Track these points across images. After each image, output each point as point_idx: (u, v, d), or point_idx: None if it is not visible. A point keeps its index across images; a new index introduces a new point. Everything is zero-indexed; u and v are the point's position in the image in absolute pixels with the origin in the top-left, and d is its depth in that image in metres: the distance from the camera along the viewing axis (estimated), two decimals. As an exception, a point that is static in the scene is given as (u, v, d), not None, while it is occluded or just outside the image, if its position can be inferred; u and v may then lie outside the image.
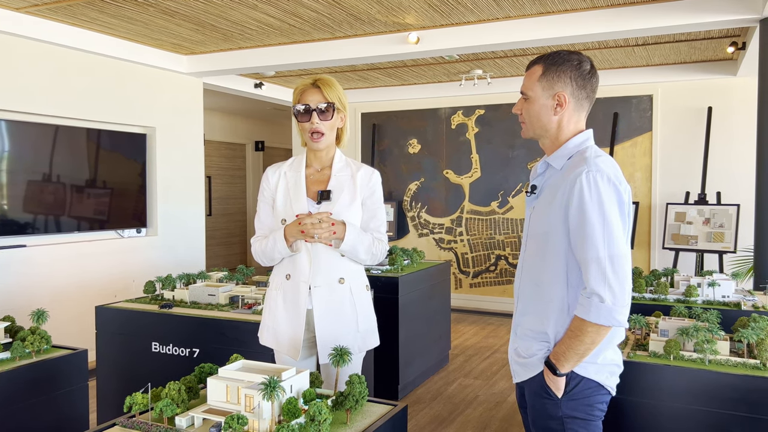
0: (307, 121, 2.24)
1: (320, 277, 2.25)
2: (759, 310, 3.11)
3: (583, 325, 1.69)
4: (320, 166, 2.35)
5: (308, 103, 2.23)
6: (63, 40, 4.85)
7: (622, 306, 1.66)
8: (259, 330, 2.40)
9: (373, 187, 2.35)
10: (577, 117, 1.84)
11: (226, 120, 10.30)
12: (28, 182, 4.82)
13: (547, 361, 1.77)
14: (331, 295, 2.26)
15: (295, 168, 2.35)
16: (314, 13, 4.58)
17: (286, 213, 2.28)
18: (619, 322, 1.66)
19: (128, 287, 5.47)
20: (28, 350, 2.54)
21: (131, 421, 1.74)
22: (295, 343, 2.26)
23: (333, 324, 2.25)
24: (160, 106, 5.94)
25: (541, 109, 1.83)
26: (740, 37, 5.26)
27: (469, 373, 5.06)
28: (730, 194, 6.19)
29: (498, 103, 7.37)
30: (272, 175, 2.36)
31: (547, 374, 1.77)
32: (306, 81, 2.28)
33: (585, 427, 1.77)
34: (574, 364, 1.74)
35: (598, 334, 1.69)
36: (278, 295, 2.31)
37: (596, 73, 1.84)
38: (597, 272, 1.66)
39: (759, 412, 2.07)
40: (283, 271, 2.31)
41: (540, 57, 1.86)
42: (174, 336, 3.28)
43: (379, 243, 2.32)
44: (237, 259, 10.88)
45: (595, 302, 1.66)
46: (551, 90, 1.80)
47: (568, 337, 1.73)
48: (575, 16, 4.56)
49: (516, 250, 7.36)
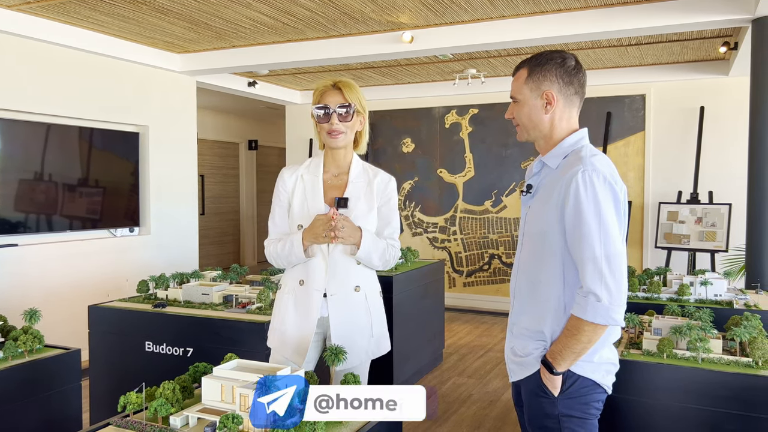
0: (326, 123, 2.21)
1: (336, 285, 2.22)
2: (751, 308, 3.13)
3: (580, 324, 1.69)
4: (338, 171, 2.31)
5: (328, 104, 2.20)
6: (55, 38, 4.82)
7: (619, 305, 1.67)
8: (269, 331, 2.37)
9: (390, 194, 2.32)
10: (568, 114, 1.85)
11: (219, 119, 10.27)
12: (19, 181, 4.79)
13: (544, 359, 1.78)
14: (348, 303, 2.24)
15: (312, 171, 2.30)
16: (308, 12, 4.57)
17: (302, 218, 2.24)
18: (616, 321, 1.67)
19: (121, 287, 5.44)
20: (21, 350, 2.53)
21: (125, 421, 1.73)
22: (301, 349, 2.24)
23: (348, 331, 2.24)
24: (153, 105, 5.91)
25: (532, 110, 1.84)
26: (732, 37, 5.29)
27: (463, 371, 5.07)
28: (722, 194, 6.23)
29: (492, 103, 7.38)
30: (288, 177, 2.31)
31: (544, 373, 1.78)
32: (326, 82, 2.25)
33: (581, 426, 1.78)
34: (570, 363, 1.74)
35: (594, 333, 1.69)
36: (290, 299, 2.28)
37: (582, 68, 1.85)
38: (593, 271, 1.67)
39: (751, 410, 2.09)
40: (296, 276, 2.27)
41: (524, 60, 1.88)
42: (168, 335, 3.27)
43: (392, 249, 2.30)
44: (230, 259, 10.85)
45: (592, 301, 1.66)
46: (538, 90, 1.82)
47: (564, 336, 1.73)
48: (569, 16, 4.57)
49: (509, 249, 7.37)
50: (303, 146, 8.57)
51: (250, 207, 11.21)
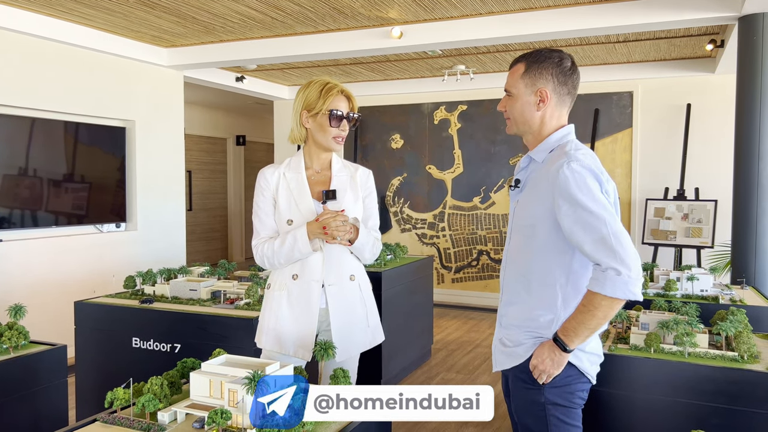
0: (337, 127, 2.26)
1: (333, 275, 2.24)
2: (736, 303, 3.16)
3: (596, 299, 1.68)
4: (320, 167, 2.34)
5: (342, 110, 2.26)
6: (40, 31, 4.76)
7: (638, 278, 1.66)
8: (257, 334, 2.34)
9: (371, 187, 2.40)
10: (559, 113, 1.88)
11: (206, 114, 10.20)
12: (3, 176, 4.72)
13: (556, 337, 1.77)
14: (344, 293, 2.26)
15: (293, 169, 2.32)
16: (297, 6, 4.54)
17: (291, 214, 2.24)
18: (635, 294, 1.66)
19: (107, 283, 5.39)
20: (6, 346, 2.50)
21: (112, 417, 1.71)
22: (305, 343, 2.22)
23: (347, 321, 2.25)
24: (140, 100, 5.86)
25: (525, 106, 1.87)
26: (719, 34, 5.33)
27: (452, 367, 5.08)
28: (708, 190, 6.29)
29: (480, 99, 7.39)
30: (271, 175, 2.31)
31: (553, 351, 1.76)
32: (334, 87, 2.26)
33: (565, 414, 1.80)
34: (583, 340, 1.74)
35: (611, 308, 1.68)
36: (282, 296, 2.25)
37: (577, 69, 1.88)
38: (606, 250, 1.66)
39: (737, 404, 2.11)
40: (288, 271, 2.26)
41: (522, 55, 1.90)
42: (155, 331, 3.25)
43: (378, 243, 2.35)
44: (218, 255, 10.80)
45: (611, 275, 1.65)
46: (533, 86, 1.85)
47: (579, 312, 1.72)
48: (557, 12, 4.59)
49: (498, 245, 7.40)
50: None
51: (238, 203, 11.15)
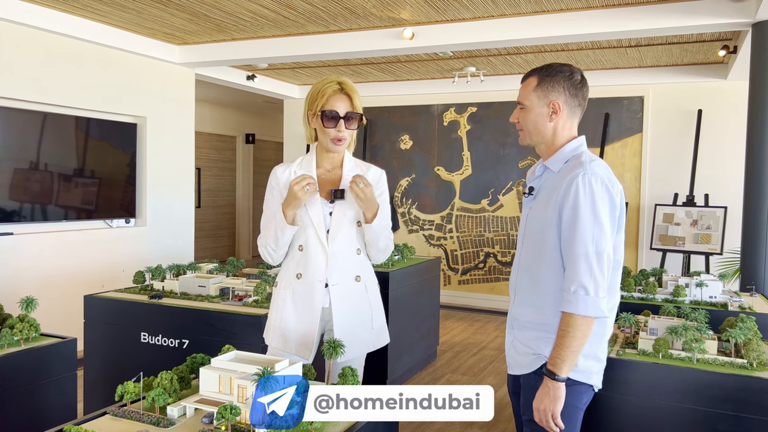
0: (333, 127, 2.20)
1: (337, 275, 2.22)
2: (745, 310, 3.14)
3: (573, 320, 1.78)
4: (331, 166, 2.31)
5: (337, 110, 2.19)
6: (53, 26, 4.79)
7: (603, 297, 1.78)
8: (265, 330, 2.36)
9: (382, 187, 2.34)
10: (570, 124, 1.97)
11: (217, 112, 10.24)
12: (14, 170, 4.76)
13: (546, 371, 1.83)
14: (349, 293, 2.24)
15: (305, 168, 2.30)
16: (309, 6, 4.56)
17: (299, 213, 2.22)
18: (603, 312, 1.78)
19: (115, 277, 5.43)
20: (17, 338, 2.52)
21: (123, 410, 1.73)
22: (307, 342, 2.23)
23: (351, 322, 2.24)
24: (151, 96, 5.89)
25: (538, 117, 1.95)
26: (732, 40, 5.31)
27: (457, 369, 5.08)
28: (718, 196, 6.25)
29: (490, 101, 7.38)
30: (282, 174, 2.29)
31: (546, 386, 1.82)
32: (332, 85, 2.21)
33: (566, 418, 1.85)
34: (571, 365, 1.81)
35: (587, 327, 1.79)
36: (287, 295, 2.26)
37: (586, 83, 1.97)
38: (584, 266, 1.77)
39: (745, 411, 2.10)
40: (293, 270, 2.26)
41: (534, 69, 1.99)
42: (163, 327, 3.26)
43: (390, 241, 2.32)
44: (225, 252, 10.84)
45: (582, 295, 1.77)
46: (546, 99, 1.93)
47: (560, 338, 1.80)
48: (570, 16, 4.58)
49: (505, 248, 7.38)
50: (300, 141, 8.55)
51: (246, 201, 11.19)
